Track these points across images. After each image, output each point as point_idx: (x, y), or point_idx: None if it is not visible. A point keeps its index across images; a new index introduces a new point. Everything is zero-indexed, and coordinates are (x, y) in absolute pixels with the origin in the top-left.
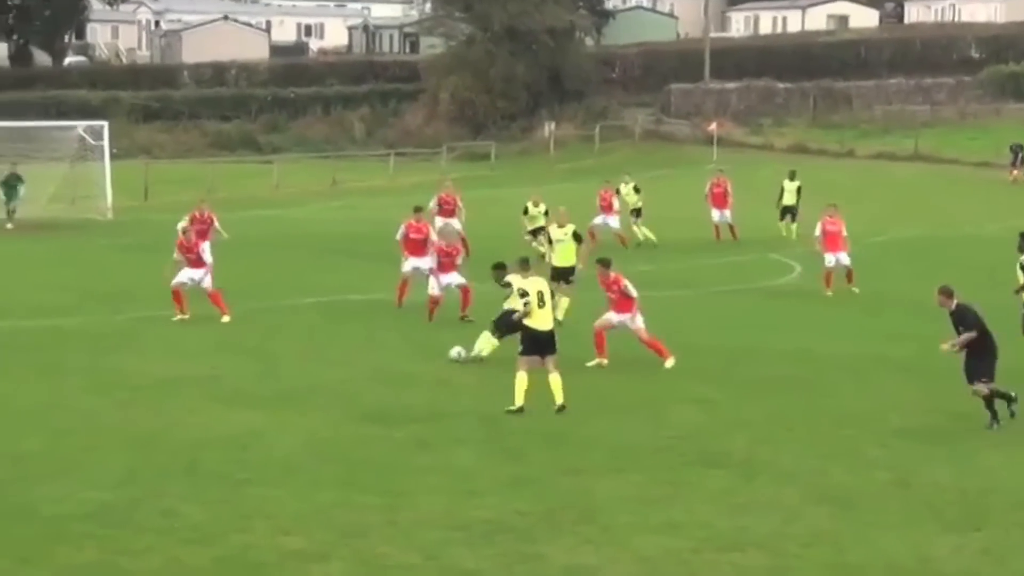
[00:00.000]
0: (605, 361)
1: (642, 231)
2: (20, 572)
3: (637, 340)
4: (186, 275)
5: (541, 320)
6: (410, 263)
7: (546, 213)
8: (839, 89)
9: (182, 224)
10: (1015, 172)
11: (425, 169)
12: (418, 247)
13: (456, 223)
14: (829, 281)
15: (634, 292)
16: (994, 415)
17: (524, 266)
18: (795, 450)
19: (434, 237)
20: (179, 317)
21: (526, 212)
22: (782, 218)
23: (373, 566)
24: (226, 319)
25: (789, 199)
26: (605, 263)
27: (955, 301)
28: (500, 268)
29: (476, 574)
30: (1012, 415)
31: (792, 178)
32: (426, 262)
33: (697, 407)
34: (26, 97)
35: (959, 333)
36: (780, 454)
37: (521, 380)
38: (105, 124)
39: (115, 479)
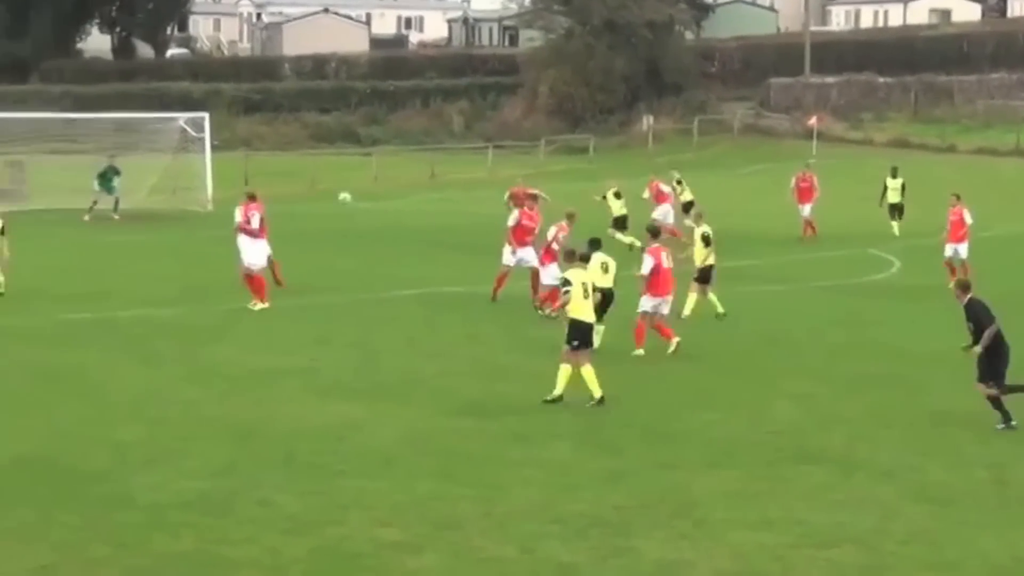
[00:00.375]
0: (676, 339)
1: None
2: (118, 558)
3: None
4: (247, 260)
5: (584, 311)
6: (517, 254)
7: (617, 195)
8: (940, 83)
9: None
10: None
11: (523, 162)
12: (527, 235)
13: None
14: (954, 271)
15: (644, 270)
16: (1005, 415)
17: (569, 256)
18: (893, 447)
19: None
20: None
21: (604, 197)
22: (892, 216)
23: (468, 559)
24: (264, 305)
25: (894, 197)
26: (653, 232)
27: (968, 296)
28: (594, 245)
29: (570, 567)
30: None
31: (894, 175)
32: (531, 254)
33: (795, 403)
34: (129, 89)
35: (970, 325)
36: (878, 451)
37: (585, 373)
38: (206, 116)
39: (213, 469)
